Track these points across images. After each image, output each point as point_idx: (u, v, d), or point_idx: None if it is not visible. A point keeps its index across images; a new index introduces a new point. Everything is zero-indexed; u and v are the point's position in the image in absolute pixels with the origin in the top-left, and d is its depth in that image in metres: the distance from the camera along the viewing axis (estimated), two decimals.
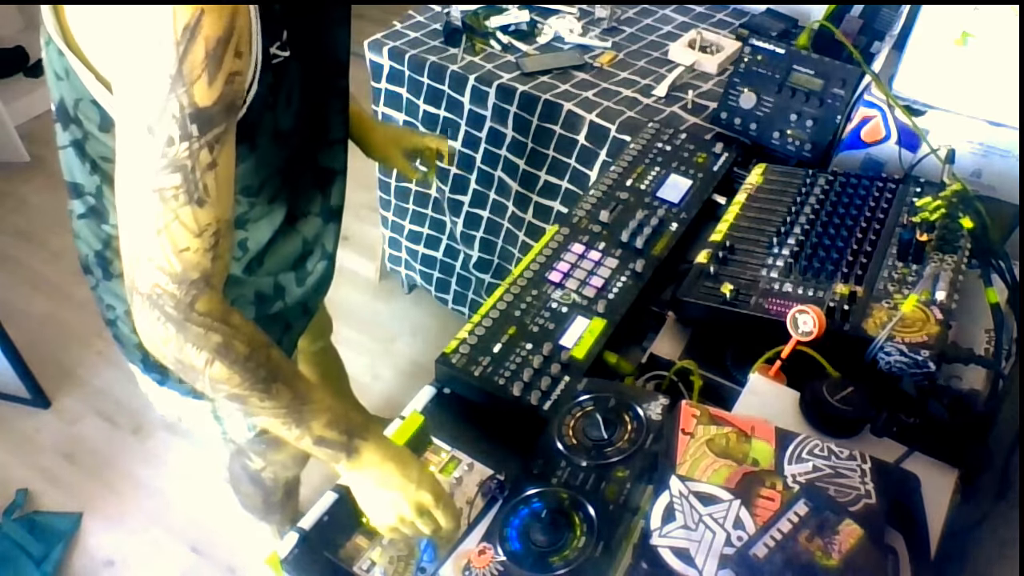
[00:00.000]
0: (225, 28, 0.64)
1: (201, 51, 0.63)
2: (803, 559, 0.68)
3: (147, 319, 0.69)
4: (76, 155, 0.88)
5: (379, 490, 0.80)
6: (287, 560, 0.82)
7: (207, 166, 0.66)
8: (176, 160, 0.65)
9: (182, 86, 0.63)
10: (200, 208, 0.67)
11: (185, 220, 0.66)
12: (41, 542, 1.82)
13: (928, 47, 1.21)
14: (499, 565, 0.76)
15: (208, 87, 0.64)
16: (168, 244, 0.66)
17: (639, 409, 0.84)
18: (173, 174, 0.65)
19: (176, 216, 0.66)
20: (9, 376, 2.03)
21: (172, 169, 0.65)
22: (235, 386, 0.71)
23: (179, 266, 0.67)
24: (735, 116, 1.43)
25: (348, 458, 0.78)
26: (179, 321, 0.68)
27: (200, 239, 0.67)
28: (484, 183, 1.85)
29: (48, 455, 2.03)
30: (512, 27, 1.83)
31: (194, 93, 0.64)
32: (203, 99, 0.64)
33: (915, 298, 0.91)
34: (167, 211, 0.66)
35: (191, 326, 0.68)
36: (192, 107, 0.64)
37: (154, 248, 0.66)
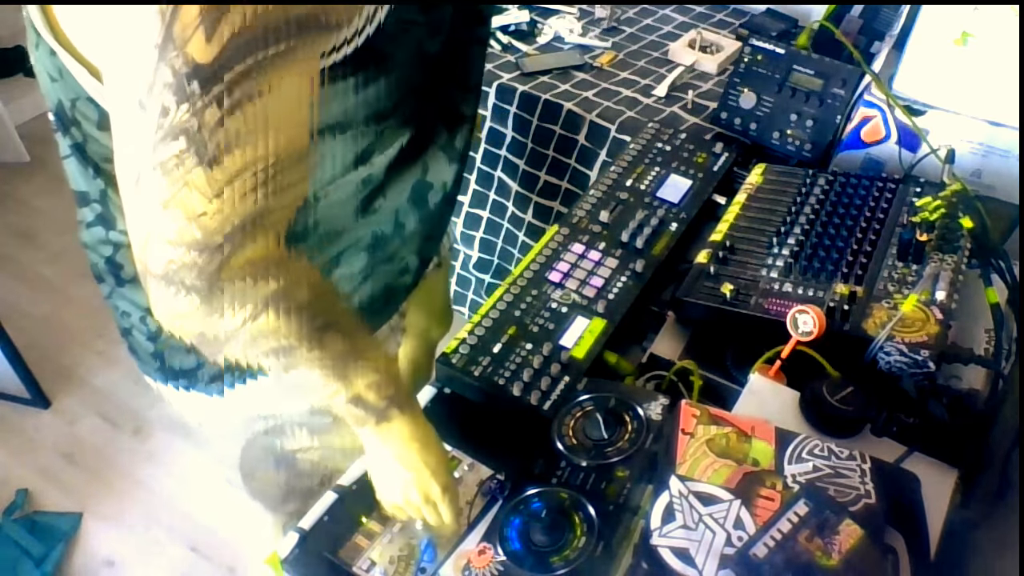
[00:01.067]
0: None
1: (193, 8, 0.57)
2: (803, 559, 0.68)
3: (164, 298, 0.64)
4: (78, 162, 0.86)
5: (395, 464, 0.79)
6: (287, 560, 0.82)
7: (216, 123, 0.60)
8: (175, 126, 0.59)
9: (173, 50, 0.58)
10: (213, 169, 0.61)
11: (198, 184, 0.61)
12: (41, 542, 1.82)
13: (928, 47, 1.21)
14: (499, 565, 0.76)
15: (206, 41, 0.58)
16: (179, 215, 0.61)
17: (639, 409, 0.84)
18: (173, 142, 0.60)
19: (185, 183, 0.61)
20: (9, 376, 2.03)
21: (171, 137, 0.60)
22: (283, 337, 0.66)
23: (198, 232, 0.62)
24: (735, 116, 1.43)
25: (376, 424, 0.76)
26: (204, 291, 0.63)
27: (220, 199, 0.62)
28: (484, 183, 1.85)
29: (48, 455, 2.03)
30: (512, 27, 1.83)
31: (191, 50, 0.58)
32: (201, 54, 0.58)
33: (915, 298, 0.91)
34: (172, 182, 0.61)
35: (225, 288, 0.63)
36: (190, 66, 0.58)
37: (163, 223, 0.62)
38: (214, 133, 0.60)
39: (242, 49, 0.59)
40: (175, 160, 0.60)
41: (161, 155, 0.60)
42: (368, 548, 0.83)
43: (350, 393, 0.73)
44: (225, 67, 0.59)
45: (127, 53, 0.59)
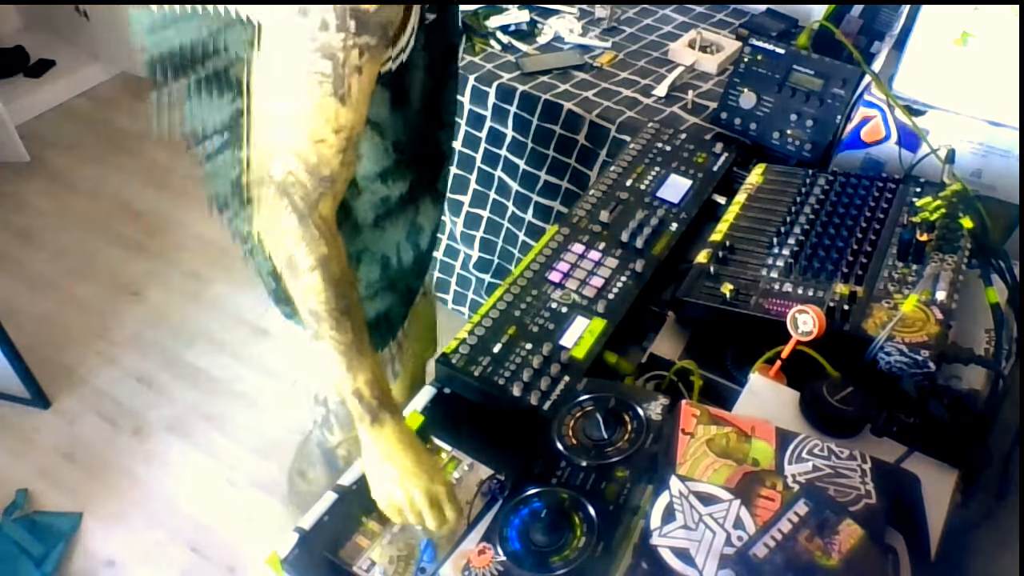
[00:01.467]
0: None
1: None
2: (803, 559, 0.68)
3: (275, 209, 0.69)
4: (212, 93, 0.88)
5: (386, 464, 0.82)
6: (287, 560, 0.82)
7: (354, 68, 0.66)
8: (328, 46, 0.65)
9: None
10: (342, 106, 0.67)
11: (327, 112, 0.67)
12: (41, 542, 1.82)
13: (928, 47, 1.21)
14: (499, 565, 0.76)
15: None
16: (308, 131, 0.67)
17: (639, 409, 0.84)
18: (324, 60, 0.65)
19: (320, 104, 0.66)
20: (9, 376, 2.03)
21: (323, 54, 0.65)
22: (321, 303, 0.72)
23: (314, 157, 0.68)
24: (735, 116, 1.43)
25: (371, 424, 0.80)
26: (303, 215, 0.69)
27: (336, 136, 0.68)
28: (484, 183, 1.85)
29: (48, 455, 2.03)
30: (512, 27, 1.83)
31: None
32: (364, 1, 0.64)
33: (915, 298, 0.91)
34: (312, 95, 0.66)
35: (311, 224, 0.69)
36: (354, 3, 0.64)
37: (295, 133, 0.67)
38: (351, 75, 0.66)
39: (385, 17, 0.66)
40: (319, 77, 0.66)
41: (312, 65, 0.65)
42: (368, 548, 0.83)
43: (352, 385, 0.78)
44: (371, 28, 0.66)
45: None
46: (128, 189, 2.79)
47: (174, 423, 2.09)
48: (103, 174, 2.85)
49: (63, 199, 2.75)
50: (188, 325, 2.32)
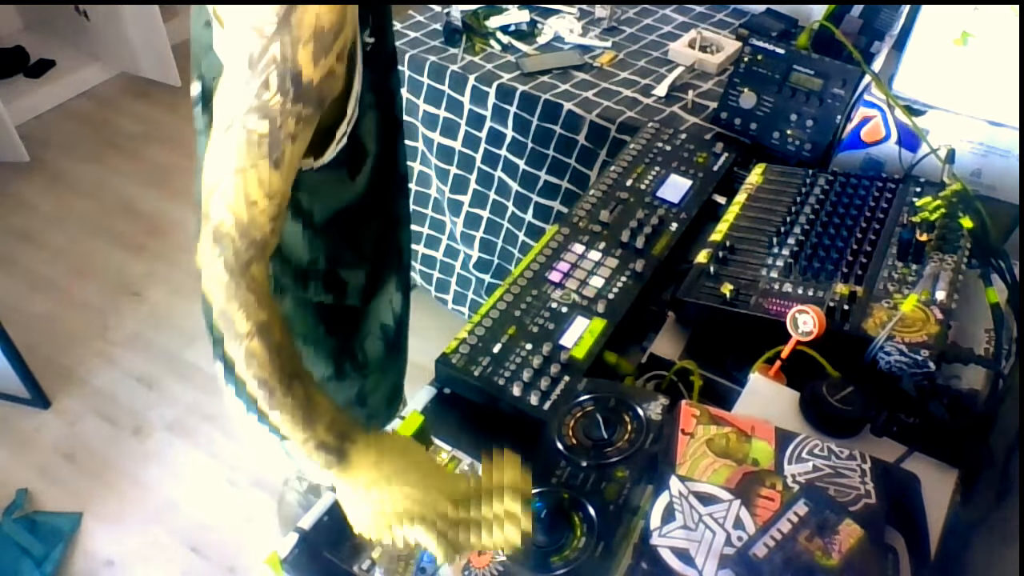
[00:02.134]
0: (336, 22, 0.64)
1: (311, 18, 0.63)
2: (803, 559, 0.68)
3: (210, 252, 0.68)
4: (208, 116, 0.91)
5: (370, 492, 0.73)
6: (287, 560, 0.82)
7: (288, 135, 0.66)
8: (267, 107, 0.65)
9: (287, 35, 0.63)
10: (275, 170, 0.67)
11: (261, 174, 0.66)
12: (41, 542, 1.82)
13: (928, 47, 1.21)
14: (499, 565, 0.76)
15: (312, 62, 0.64)
16: (242, 188, 0.66)
17: (639, 409, 0.84)
18: (262, 120, 0.65)
19: (255, 165, 0.66)
20: (9, 376, 2.03)
21: (262, 115, 0.65)
22: (266, 373, 0.68)
23: (245, 216, 0.67)
24: (735, 116, 1.43)
25: (339, 463, 0.73)
26: (234, 272, 0.67)
27: (269, 201, 0.67)
28: (484, 183, 1.85)
29: (48, 455, 2.03)
30: (512, 27, 1.83)
31: (298, 54, 0.64)
32: (305, 67, 0.64)
33: (915, 298, 0.91)
34: (250, 154, 0.66)
35: (243, 286, 0.67)
36: (293, 65, 0.64)
37: (230, 185, 0.66)
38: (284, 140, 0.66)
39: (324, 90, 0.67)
40: (256, 137, 0.66)
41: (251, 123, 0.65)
42: (368, 548, 0.83)
43: (316, 439, 0.71)
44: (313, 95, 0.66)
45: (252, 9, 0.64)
46: (128, 189, 2.79)
47: (174, 423, 2.10)
48: (103, 174, 2.85)
49: (63, 199, 2.75)
50: (188, 325, 2.32)
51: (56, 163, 2.90)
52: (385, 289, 1.05)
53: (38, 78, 3.12)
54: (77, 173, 2.86)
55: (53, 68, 3.16)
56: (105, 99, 3.19)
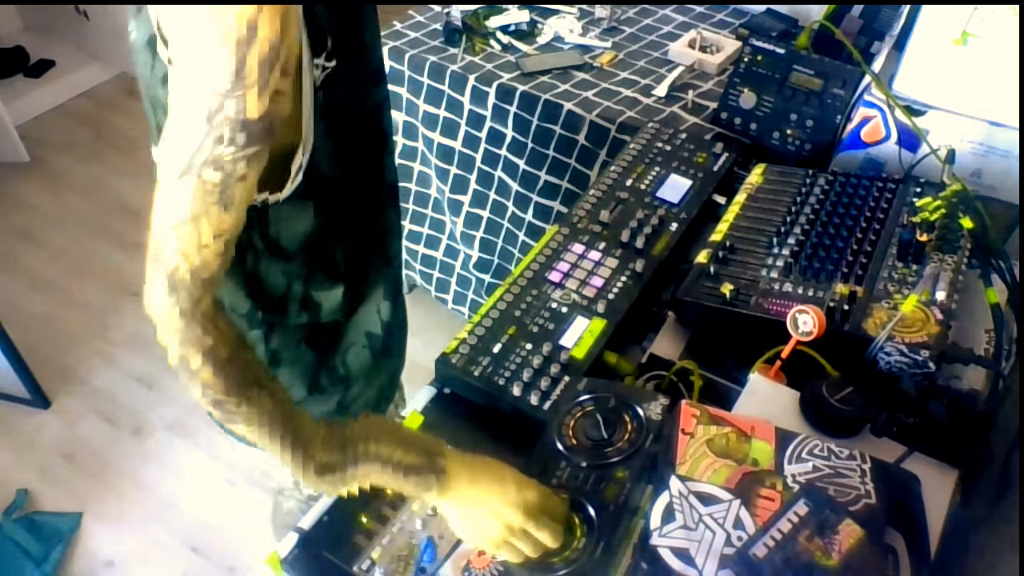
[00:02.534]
0: (277, 36, 0.62)
1: (258, 56, 0.61)
2: (803, 559, 0.68)
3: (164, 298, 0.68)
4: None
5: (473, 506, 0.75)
6: (287, 560, 0.82)
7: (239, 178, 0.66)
8: (220, 159, 0.65)
9: (239, 90, 0.62)
10: (225, 212, 0.68)
11: (212, 219, 0.67)
12: (41, 542, 1.82)
13: (928, 47, 1.21)
14: (499, 566, 0.76)
15: (258, 98, 0.63)
16: (196, 234, 0.67)
17: (639, 409, 0.84)
18: (216, 171, 0.65)
19: (207, 211, 0.67)
20: (9, 376, 2.03)
21: (216, 166, 0.65)
22: (219, 391, 0.70)
23: (198, 260, 0.68)
24: (735, 116, 1.43)
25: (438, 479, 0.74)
26: (187, 314, 0.68)
27: (216, 240, 0.68)
28: (484, 183, 1.85)
29: (48, 455, 2.03)
30: (512, 27, 1.83)
31: (247, 100, 0.62)
32: (252, 110, 0.63)
33: (915, 298, 0.91)
34: (204, 202, 0.66)
35: (195, 325, 0.68)
36: (243, 115, 0.63)
37: (184, 232, 0.67)
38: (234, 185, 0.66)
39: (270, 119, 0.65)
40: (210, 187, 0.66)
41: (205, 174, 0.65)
42: (368, 548, 0.83)
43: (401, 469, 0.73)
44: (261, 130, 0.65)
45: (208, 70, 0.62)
46: (128, 189, 2.79)
47: (174, 423, 2.10)
48: (103, 174, 2.85)
49: (63, 199, 2.75)
50: None
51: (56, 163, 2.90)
52: (370, 299, 1.05)
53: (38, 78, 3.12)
54: (77, 173, 2.86)
55: (53, 68, 3.16)
56: (105, 99, 3.19)
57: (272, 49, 0.62)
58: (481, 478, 0.75)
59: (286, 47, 0.63)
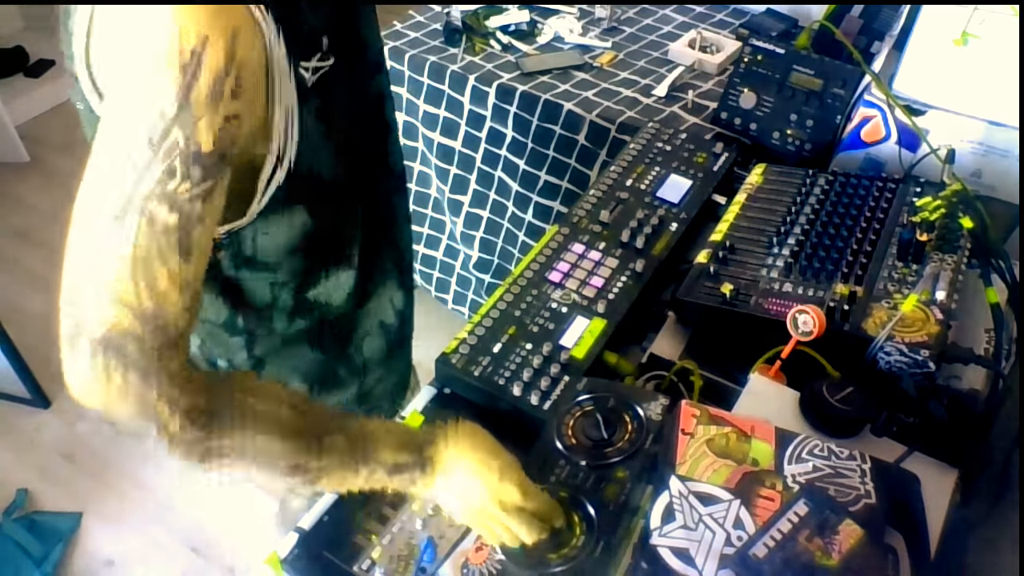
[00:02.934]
0: (225, 59, 0.57)
1: (207, 85, 0.56)
2: (803, 559, 0.68)
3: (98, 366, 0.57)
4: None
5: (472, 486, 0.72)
6: (287, 560, 0.82)
7: (199, 217, 0.59)
8: (175, 197, 0.57)
9: (188, 119, 0.56)
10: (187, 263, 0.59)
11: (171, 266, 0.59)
12: (41, 542, 1.82)
13: (928, 47, 1.21)
14: (497, 564, 0.76)
15: (207, 130, 0.57)
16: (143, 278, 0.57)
17: (639, 409, 0.84)
18: (171, 212, 0.57)
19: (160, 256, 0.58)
20: (9, 376, 2.03)
21: (171, 206, 0.57)
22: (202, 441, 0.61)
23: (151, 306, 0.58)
24: (735, 116, 1.43)
25: (423, 473, 0.72)
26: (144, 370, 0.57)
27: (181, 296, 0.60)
28: (484, 183, 1.85)
29: (48, 455, 2.03)
30: (512, 27, 1.83)
31: (198, 132, 0.57)
32: (204, 140, 0.57)
33: (915, 298, 0.91)
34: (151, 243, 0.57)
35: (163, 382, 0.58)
36: (195, 145, 0.57)
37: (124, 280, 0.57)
38: (193, 227, 0.59)
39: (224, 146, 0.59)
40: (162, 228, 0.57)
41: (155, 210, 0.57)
42: (368, 548, 0.83)
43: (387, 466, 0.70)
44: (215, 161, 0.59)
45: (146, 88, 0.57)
46: None
47: None
48: None
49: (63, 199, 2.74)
50: None
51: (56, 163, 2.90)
52: (383, 289, 1.04)
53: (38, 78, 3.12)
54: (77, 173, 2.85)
55: (53, 68, 3.16)
56: None
57: (218, 78, 0.56)
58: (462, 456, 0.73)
59: (236, 67, 0.58)
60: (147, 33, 0.56)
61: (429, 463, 0.72)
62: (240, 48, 0.58)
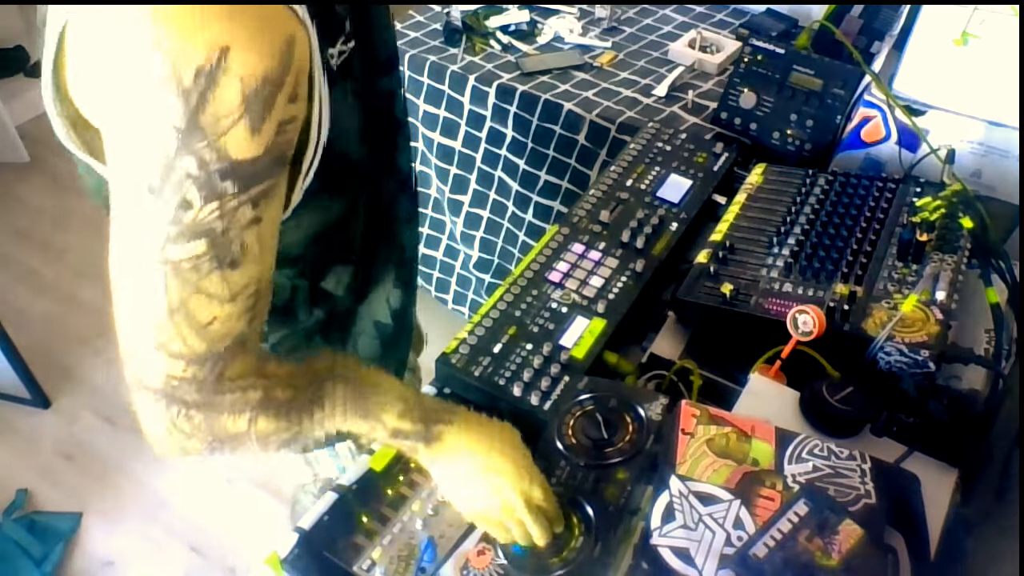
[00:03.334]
0: (275, 68, 0.54)
1: (235, 95, 0.52)
2: (803, 559, 0.68)
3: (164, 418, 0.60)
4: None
5: (471, 477, 0.74)
6: (287, 560, 0.82)
7: (249, 222, 0.57)
8: (198, 225, 0.55)
9: (201, 140, 0.53)
10: (234, 271, 0.57)
11: (213, 289, 0.57)
12: (41, 542, 1.82)
13: (928, 47, 1.21)
14: (498, 568, 0.76)
15: (251, 136, 0.54)
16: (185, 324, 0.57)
17: (640, 410, 0.84)
18: (192, 242, 0.55)
19: (197, 289, 0.57)
20: (9, 376, 2.03)
21: (190, 236, 0.55)
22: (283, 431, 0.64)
23: (202, 345, 0.58)
24: (735, 116, 1.43)
25: (427, 446, 0.72)
26: (206, 403, 0.60)
27: (233, 304, 0.58)
28: (484, 183, 1.85)
29: (48, 455, 2.03)
30: (512, 27, 1.83)
31: (227, 145, 0.53)
32: (242, 151, 0.54)
33: (915, 298, 0.91)
34: (183, 285, 0.56)
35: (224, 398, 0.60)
36: (225, 161, 0.54)
37: (167, 332, 0.57)
38: (239, 235, 0.56)
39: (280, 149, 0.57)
40: (191, 263, 0.56)
41: (175, 254, 0.55)
42: (368, 548, 0.83)
43: (387, 429, 0.71)
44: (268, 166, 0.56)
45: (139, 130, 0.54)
46: None
47: None
48: None
49: (63, 199, 2.75)
50: None
51: (56, 163, 2.90)
52: (380, 286, 1.03)
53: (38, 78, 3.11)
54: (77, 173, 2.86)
55: None
56: None
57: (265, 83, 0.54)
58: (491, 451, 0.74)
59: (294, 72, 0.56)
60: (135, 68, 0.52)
61: (435, 439, 0.73)
62: (296, 48, 0.56)
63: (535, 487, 0.74)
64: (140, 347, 0.58)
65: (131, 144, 0.55)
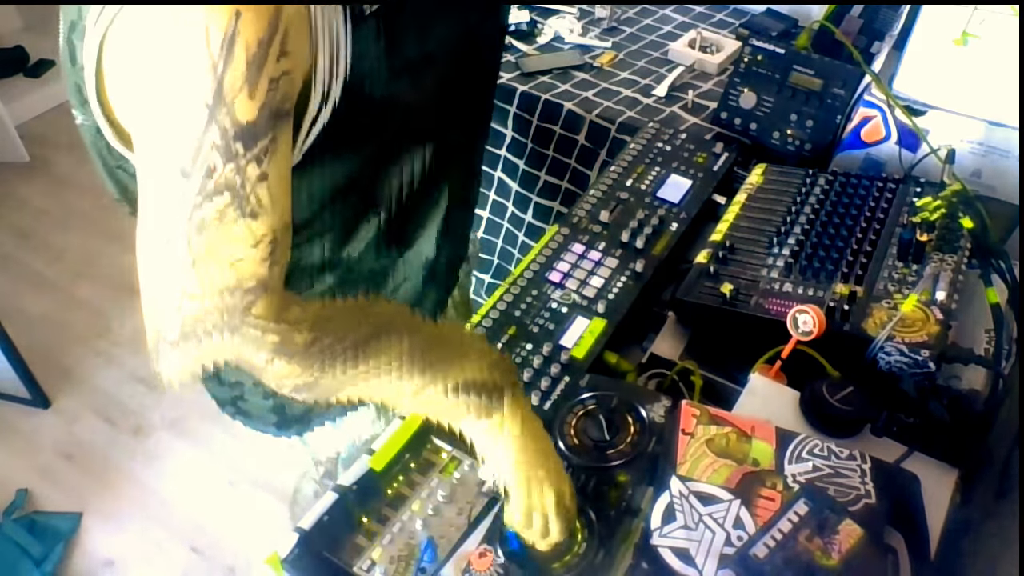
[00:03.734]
0: (267, 27, 0.56)
1: (242, 62, 0.55)
2: (803, 559, 0.68)
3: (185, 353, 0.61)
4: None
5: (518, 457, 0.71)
6: (287, 560, 0.82)
7: (257, 178, 0.60)
8: (219, 184, 0.58)
9: (223, 108, 0.56)
10: (255, 220, 0.61)
11: (238, 235, 0.60)
12: (41, 542, 1.82)
13: (928, 47, 1.21)
14: (499, 568, 0.76)
15: (249, 99, 0.57)
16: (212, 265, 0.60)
17: (642, 411, 0.84)
18: (216, 197, 0.58)
19: (223, 235, 0.60)
20: (9, 376, 2.03)
21: (215, 194, 0.58)
22: (297, 376, 0.64)
23: (232, 277, 0.60)
24: (735, 116, 1.43)
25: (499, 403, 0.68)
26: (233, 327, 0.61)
27: (256, 249, 0.61)
28: (484, 183, 1.85)
29: (48, 455, 2.03)
30: (512, 27, 1.83)
31: (236, 110, 0.57)
32: (245, 113, 0.57)
33: (915, 298, 0.91)
34: (208, 237, 0.59)
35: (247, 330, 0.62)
36: (235, 126, 0.57)
37: (188, 281, 0.60)
38: (255, 187, 0.59)
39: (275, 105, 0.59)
40: (216, 215, 0.59)
41: (202, 214, 0.58)
42: (368, 548, 0.83)
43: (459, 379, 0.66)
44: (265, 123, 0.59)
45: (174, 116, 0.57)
46: None
47: (174, 423, 2.10)
48: None
49: (63, 199, 2.75)
50: None
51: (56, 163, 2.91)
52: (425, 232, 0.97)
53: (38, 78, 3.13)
54: (77, 173, 2.86)
55: (53, 68, 3.16)
56: None
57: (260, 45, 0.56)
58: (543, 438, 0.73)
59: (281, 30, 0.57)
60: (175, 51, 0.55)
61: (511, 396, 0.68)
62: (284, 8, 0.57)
63: (566, 486, 0.74)
64: (162, 305, 0.60)
65: (164, 134, 0.58)
